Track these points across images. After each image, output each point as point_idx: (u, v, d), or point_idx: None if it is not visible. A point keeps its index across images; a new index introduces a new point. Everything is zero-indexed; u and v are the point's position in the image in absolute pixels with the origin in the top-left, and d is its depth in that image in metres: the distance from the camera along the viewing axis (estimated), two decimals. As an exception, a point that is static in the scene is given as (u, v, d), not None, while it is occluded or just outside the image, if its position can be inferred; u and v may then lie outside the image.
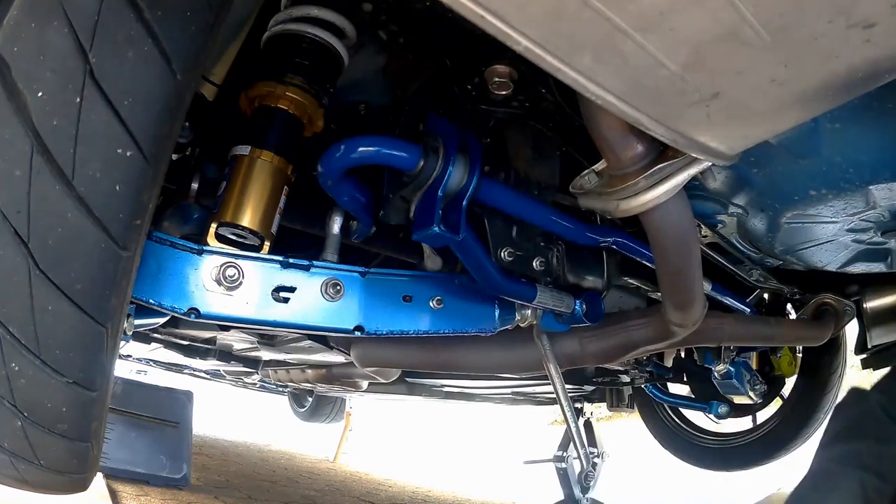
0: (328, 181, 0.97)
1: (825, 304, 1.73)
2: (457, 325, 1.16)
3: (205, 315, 0.94)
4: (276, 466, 4.29)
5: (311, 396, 4.91)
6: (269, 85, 0.98)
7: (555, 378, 1.30)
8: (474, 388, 3.15)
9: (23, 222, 0.64)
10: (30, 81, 0.62)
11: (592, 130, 0.72)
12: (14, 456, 0.77)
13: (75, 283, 0.68)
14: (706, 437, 2.66)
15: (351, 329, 1.06)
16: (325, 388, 3.17)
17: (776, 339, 1.68)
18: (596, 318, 1.20)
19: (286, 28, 0.99)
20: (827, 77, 0.55)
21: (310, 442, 6.24)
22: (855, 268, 1.30)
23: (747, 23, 0.48)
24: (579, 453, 1.42)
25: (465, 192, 0.94)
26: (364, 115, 1.21)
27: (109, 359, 0.77)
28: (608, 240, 1.17)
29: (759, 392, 2.08)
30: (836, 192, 0.97)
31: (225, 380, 4.10)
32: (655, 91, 0.55)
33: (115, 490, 2.27)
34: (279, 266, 1.00)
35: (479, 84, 0.99)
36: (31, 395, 0.72)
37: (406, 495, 3.87)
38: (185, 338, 2.69)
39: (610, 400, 2.80)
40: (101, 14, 0.63)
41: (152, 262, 0.92)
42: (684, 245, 0.89)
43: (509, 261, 1.09)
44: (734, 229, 1.21)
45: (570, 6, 0.46)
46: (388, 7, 1.02)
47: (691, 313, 1.11)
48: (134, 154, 0.67)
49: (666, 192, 0.72)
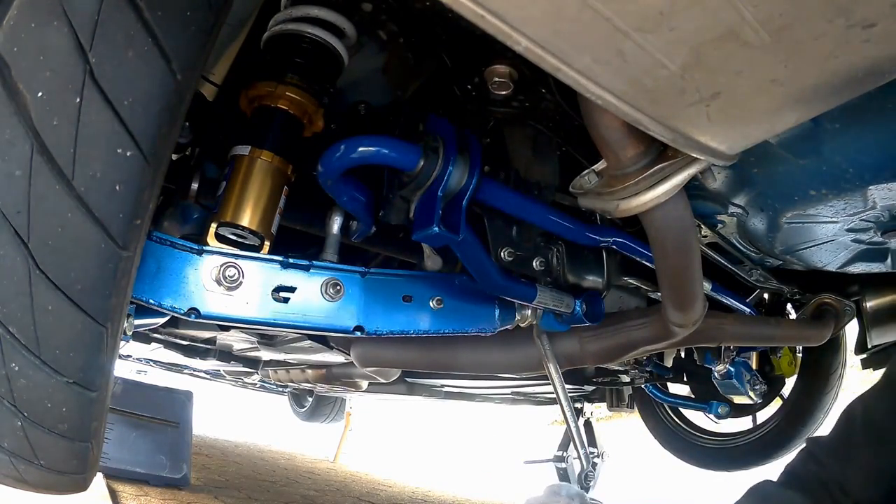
0: (328, 181, 0.97)
1: (825, 304, 1.73)
2: (457, 325, 1.15)
3: (205, 315, 0.94)
4: (276, 466, 4.29)
5: (311, 396, 4.91)
6: (269, 85, 0.98)
7: (555, 378, 1.31)
8: (474, 388, 3.15)
9: (23, 222, 0.64)
10: (30, 81, 0.62)
11: (592, 130, 0.72)
12: (14, 456, 0.77)
13: (75, 283, 0.68)
14: (706, 437, 2.67)
15: (351, 329, 1.06)
16: (325, 388, 3.17)
17: (776, 339, 1.68)
18: (596, 318, 1.20)
19: (286, 28, 0.99)
20: (827, 77, 0.55)
21: (310, 442, 6.24)
22: (855, 268, 1.30)
23: (747, 23, 0.48)
24: (579, 453, 1.43)
25: (465, 191, 0.94)
26: (364, 115, 1.21)
27: (109, 359, 0.77)
28: (608, 240, 1.17)
29: (759, 392, 2.08)
30: (836, 193, 0.97)
31: (225, 380, 4.10)
32: (655, 91, 0.55)
33: (115, 490, 2.27)
34: (279, 266, 1.00)
35: (479, 84, 0.99)
36: (31, 395, 0.72)
37: (406, 495, 3.87)
38: (185, 338, 2.69)
39: (610, 400, 2.80)
40: (101, 14, 0.63)
41: (152, 262, 0.92)
42: (684, 245, 0.89)
43: (509, 261, 1.09)
44: (734, 229, 1.21)
45: (570, 6, 0.46)
46: (387, 7, 1.02)
47: (691, 313, 1.11)
48: (134, 154, 0.67)
49: (666, 192, 0.72)
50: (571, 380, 2.50)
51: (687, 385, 2.48)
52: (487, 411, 4.44)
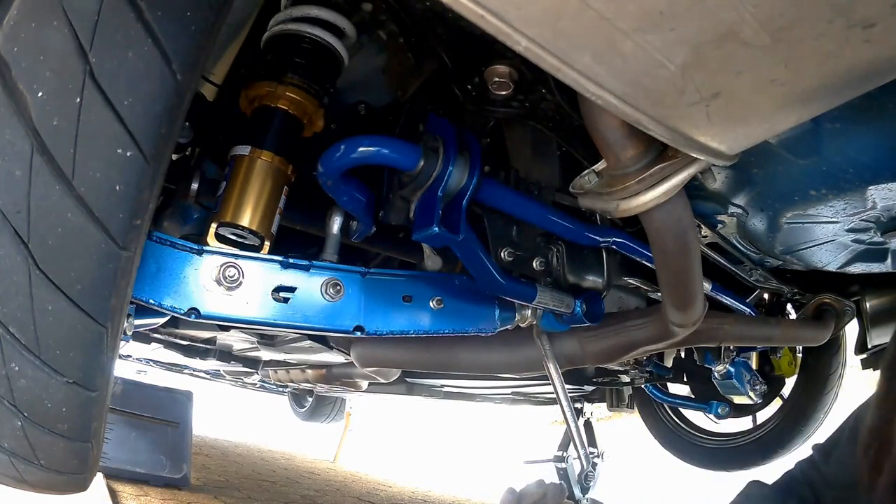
0: (328, 181, 0.97)
1: (825, 304, 1.73)
2: (457, 325, 1.15)
3: (205, 315, 0.94)
4: (276, 466, 4.29)
5: (311, 396, 4.91)
6: (269, 85, 0.98)
7: (555, 378, 1.31)
8: (474, 388, 3.15)
9: (23, 222, 0.64)
10: (30, 81, 0.62)
11: (592, 130, 0.72)
12: (14, 456, 0.77)
13: (75, 283, 0.68)
14: (706, 437, 2.66)
15: (351, 329, 1.06)
16: (325, 388, 3.17)
17: (776, 339, 1.68)
18: (596, 318, 1.20)
19: (286, 28, 0.99)
20: (827, 77, 0.55)
21: (310, 442, 6.24)
22: (855, 268, 1.30)
23: (747, 23, 0.48)
24: (579, 453, 1.42)
25: (465, 192, 0.94)
26: (364, 115, 1.21)
27: (109, 359, 0.77)
28: (608, 240, 1.17)
29: (759, 392, 2.09)
30: (836, 193, 0.97)
31: (225, 380, 4.10)
32: (655, 91, 0.55)
33: (115, 490, 2.27)
34: (279, 266, 1.00)
35: (479, 84, 0.99)
36: (31, 395, 0.72)
37: (406, 495, 3.87)
38: (185, 338, 2.69)
39: (610, 400, 2.80)
40: (101, 14, 0.63)
41: (152, 262, 0.91)
42: (684, 245, 0.88)
43: (509, 261, 1.09)
44: (734, 229, 1.21)
45: (570, 6, 0.46)
46: (387, 7, 1.02)
47: (691, 313, 1.11)
48: (134, 154, 0.67)
49: (666, 192, 0.72)
50: (571, 380, 2.50)
51: (687, 385, 2.48)
52: (487, 411, 4.44)
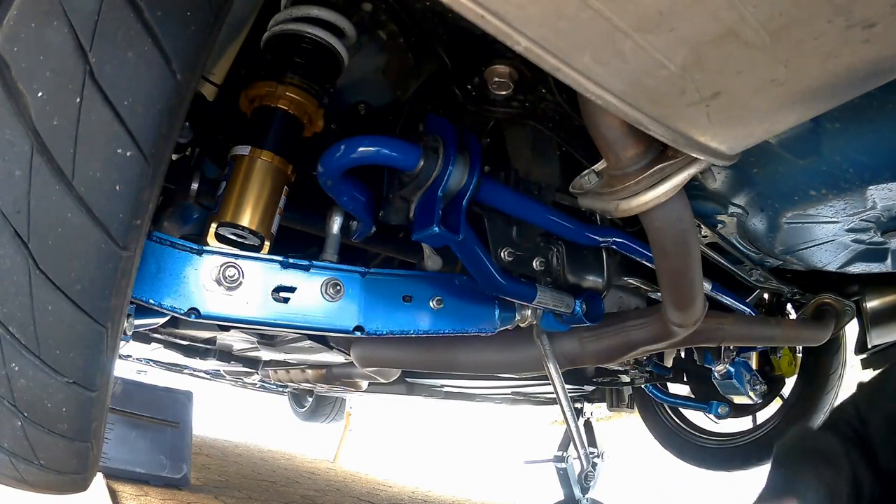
0: (328, 181, 0.97)
1: (825, 304, 1.74)
2: (457, 325, 1.15)
3: (205, 315, 0.94)
4: (276, 466, 4.29)
5: (311, 396, 4.91)
6: (269, 85, 0.98)
7: (555, 378, 1.31)
8: (474, 388, 3.15)
9: (23, 222, 0.64)
10: (30, 81, 0.62)
11: (592, 130, 0.72)
12: (14, 456, 0.77)
13: (75, 283, 0.68)
14: (706, 437, 2.66)
15: (351, 329, 1.06)
16: (325, 388, 3.17)
17: (776, 339, 1.68)
18: (596, 318, 1.20)
19: (286, 28, 0.99)
20: (827, 77, 0.55)
21: (310, 442, 6.24)
22: (855, 268, 1.30)
23: (747, 23, 0.48)
24: (579, 453, 1.43)
25: (465, 192, 0.94)
26: (364, 115, 1.21)
27: (109, 359, 0.77)
28: (608, 240, 1.17)
29: (758, 392, 2.08)
30: (836, 193, 0.97)
31: (225, 380, 4.10)
32: (655, 91, 0.55)
33: (115, 490, 2.27)
34: (279, 266, 1.00)
35: (479, 84, 0.99)
36: (31, 395, 0.72)
37: (406, 495, 3.87)
38: (185, 338, 2.69)
39: (610, 400, 2.80)
40: (101, 14, 0.63)
41: (152, 262, 0.91)
42: (684, 245, 0.89)
43: (509, 261, 1.09)
44: (734, 229, 1.21)
45: (570, 6, 0.46)
46: (388, 7, 1.02)
47: (691, 313, 1.11)
48: (134, 154, 0.67)
49: (666, 192, 0.72)
50: (571, 380, 2.50)
51: (687, 385, 2.48)
52: (487, 411, 4.44)
